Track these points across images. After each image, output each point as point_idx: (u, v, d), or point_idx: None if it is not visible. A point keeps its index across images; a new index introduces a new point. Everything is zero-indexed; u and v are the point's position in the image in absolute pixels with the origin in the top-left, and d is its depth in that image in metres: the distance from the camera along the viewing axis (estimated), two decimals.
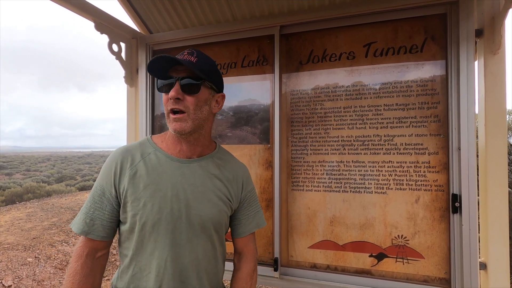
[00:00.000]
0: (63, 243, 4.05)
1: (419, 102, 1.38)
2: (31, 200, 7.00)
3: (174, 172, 0.86)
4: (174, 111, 0.83)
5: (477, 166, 1.30)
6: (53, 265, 3.49)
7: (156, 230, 0.82)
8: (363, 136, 1.46)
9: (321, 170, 1.53)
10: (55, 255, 3.71)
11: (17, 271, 3.17)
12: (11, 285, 2.91)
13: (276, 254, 1.54)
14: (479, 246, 1.30)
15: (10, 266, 3.21)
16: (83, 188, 13.96)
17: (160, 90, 0.87)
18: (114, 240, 0.91)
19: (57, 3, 1.41)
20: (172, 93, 0.82)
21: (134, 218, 0.82)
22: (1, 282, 2.90)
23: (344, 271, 1.48)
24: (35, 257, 3.53)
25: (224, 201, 0.92)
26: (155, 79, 0.90)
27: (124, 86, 1.92)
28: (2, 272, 3.07)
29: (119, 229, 0.88)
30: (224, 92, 0.99)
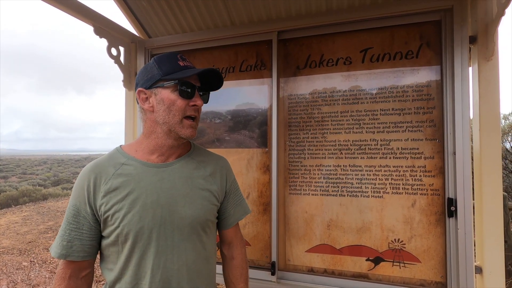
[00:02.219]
0: None
1: (414, 107, 1.40)
2: (27, 204, 6.94)
3: (151, 178, 0.84)
4: (192, 118, 0.86)
5: (472, 170, 1.31)
6: (49, 269, 3.45)
7: (141, 240, 0.80)
8: (360, 141, 1.47)
9: (318, 174, 1.54)
10: (51, 259, 3.67)
11: (12, 275, 3.13)
12: None
13: (274, 258, 1.54)
14: (475, 250, 1.31)
15: (5, 271, 3.17)
16: None
17: (182, 94, 0.83)
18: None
19: (57, 7, 1.42)
20: (199, 101, 0.85)
21: (116, 231, 0.80)
22: None
23: (341, 275, 1.49)
24: (31, 261, 3.49)
25: (209, 198, 0.91)
26: (175, 82, 0.83)
27: (122, 90, 1.92)
28: None
29: (100, 245, 0.85)
30: (222, 96, 1.02)
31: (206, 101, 0.91)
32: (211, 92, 0.95)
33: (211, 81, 0.91)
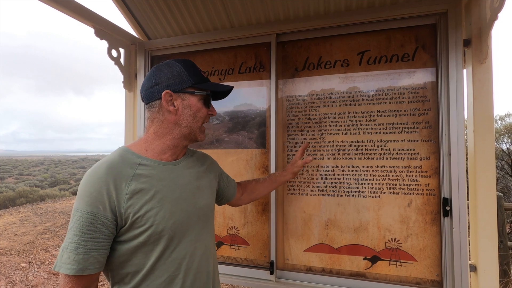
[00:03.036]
0: (57, 248, 4.01)
1: (411, 109, 1.43)
2: (25, 205, 6.92)
3: (169, 176, 0.87)
4: (204, 123, 0.96)
5: (467, 170, 1.34)
6: (47, 270, 3.45)
7: (174, 235, 0.84)
8: (357, 142, 1.50)
9: (316, 175, 1.56)
10: (49, 260, 3.67)
11: (10, 276, 3.13)
12: None
13: (272, 257, 1.56)
14: (469, 249, 1.33)
15: (3, 271, 3.17)
16: (76, 193, 13.83)
17: (207, 104, 0.94)
18: None
19: (59, 10, 1.44)
20: (215, 111, 0.98)
21: (148, 231, 0.79)
22: None
23: (339, 274, 1.51)
24: (29, 262, 3.49)
25: (213, 188, 1.05)
26: (202, 92, 0.92)
27: (120, 91, 1.94)
28: None
29: (119, 250, 0.80)
30: (221, 97, 1.06)
31: None
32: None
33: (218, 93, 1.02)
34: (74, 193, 13.53)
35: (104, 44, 1.72)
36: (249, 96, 1.70)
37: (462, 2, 1.34)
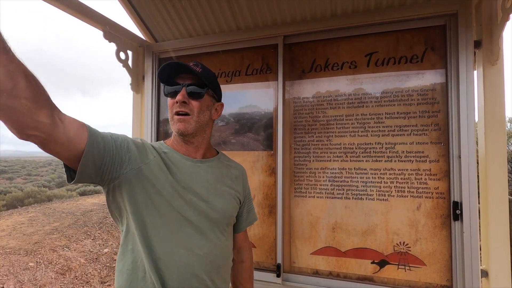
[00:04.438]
0: (65, 248, 4.05)
1: (419, 111, 1.41)
2: (33, 205, 7.02)
3: (189, 170, 0.91)
4: (179, 113, 0.89)
5: (478, 174, 1.32)
6: (54, 270, 3.49)
7: (177, 222, 0.84)
8: (365, 144, 1.48)
9: (323, 177, 1.55)
10: (57, 260, 3.71)
11: (19, 275, 3.17)
12: None
13: (279, 260, 1.55)
14: (480, 253, 1.31)
15: (12, 271, 3.21)
16: (83, 193, 13.96)
17: (167, 95, 0.93)
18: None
19: (68, 12, 1.46)
20: (179, 96, 0.88)
21: (153, 210, 0.81)
22: (3, 287, 2.91)
23: (346, 277, 1.49)
24: (37, 262, 3.53)
25: (235, 198, 0.99)
26: (162, 85, 0.95)
27: (127, 93, 1.96)
28: (4, 276, 3.07)
29: (130, 228, 0.83)
30: (229, 99, 1.04)
31: (195, 96, 0.90)
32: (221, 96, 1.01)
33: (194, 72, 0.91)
34: (81, 194, 13.68)
35: (112, 46, 1.74)
36: (256, 98, 1.70)
37: (472, 3, 1.32)
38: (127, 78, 1.88)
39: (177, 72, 0.92)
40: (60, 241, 4.25)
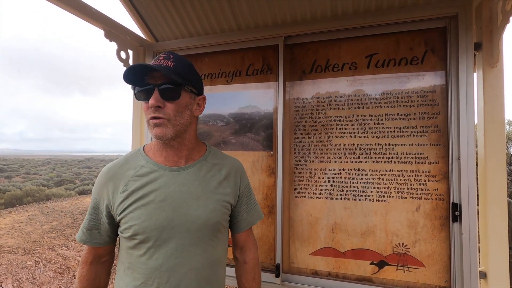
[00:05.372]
0: (63, 247, 4.04)
1: (419, 112, 1.42)
2: (31, 204, 7.00)
3: (167, 182, 0.85)
4: (155, 118, 0.81)
5: (477, 175, 1.32)
6: (53, 269, 3.48)
7: (153, 241, 0.81)
8: (365, 145, 1.49)
9: (323, 178, 1.55)
10: (55, 259, 3.70)
11: (17, 274, 3.16)
12: None
13: (278, 260, 1.56)
14: (479, 255, 1.31)
15: (10, 269, 3.20)
16: (82, 192, 13.93)
17: (138, 98, 0.84)
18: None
19: (69, 11, 1.46)
20: (151, 101, 0.79)
21: (130, 231, 0.82)
22: (1, 285, 2.90)
23: (345, 278, 1.49)
24: (35, 260, 3.52)
25: (221, 202, 0.90)
26: (133, 88, 0.86)
27: (125, 91, 1.95)
28: (3, 275, 3.06)
29: (119, 239, 0.91)
30: (229, 99, 1.01)
31: (170, 98, 0.82)
32: (219, 96, 0.95)
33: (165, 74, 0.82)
34: (80, 193, 13.66)
35: (113, 46, 1.74)
36: (256, 98, 1.70)
37: (472, 5, 1.32)
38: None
39: (147, 71, 0.81)
40: (59, 240, 4.24)
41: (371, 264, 1.46)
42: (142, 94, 0.83)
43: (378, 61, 1.49)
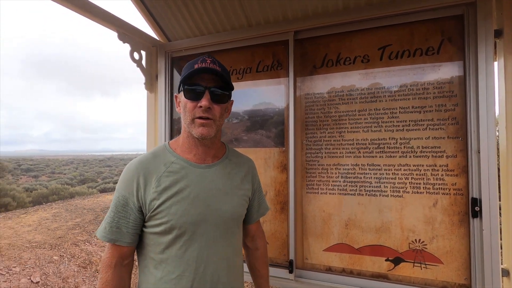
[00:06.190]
0: (86, 243, 4.22)
1: (436, 105, 1.37)
2: (56, 201, 7.34)
3: (197, 178, 0.90)
4: (202, 118, 0.86)
5: (499, 169, 1.27)
6: (77, 263, 3.65)
7: (190, 235, 0.86)
8: (379, 139, 1.45)
9: (336, 173, 1.53)
10: (79, 254, 3.87)
11: (44, 268, 3.34)
12: (39, 281, 3.07)
13: (291, 256, 1.56)
14: (501, 252, 1.26)
15: (38, 264, 3.39)
16: (103, 190, 14.44)
17: (187, 96, 0.87)
18: None
19: (84, 15, 1.51)
20: (204, 102, 0.84)
21: (165, 226, 0.85)
22: (30, 279, 3.07)
23: (360, 274, 1.48)
24: (60, 255, 3.70)
25: (244, 197, 0.99)
26: (180, 85, 0.90)
27: (143, 92, 2.00)
28: (31, 269, 3.25)
29: (145, 235, 0.90)
30: (240, 96, 1.03)
31: (218, 101, 0.88)
32: (232, 92, 0.96)
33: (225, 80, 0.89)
34: (102, 191, 14.17)
35: (126, 47, 1.79)
36: (267, 94, 1.70)
37: None
38: (142, 78, 1.92)
39: (199, 72, 0.86)
40: (82, 236, 4.43)
41: (386, 260, 1.43)
42: (193, 93, 0.86)
43: (392, 53, 1.45)
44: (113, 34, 1.71)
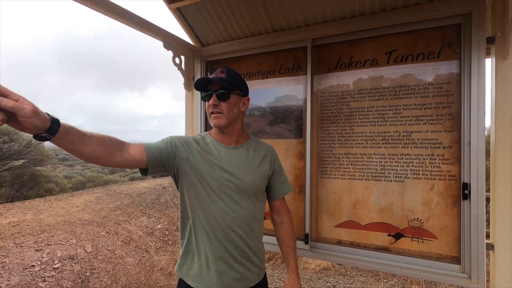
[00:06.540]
0: (126, 223, 4.77)
1: (435, 102, 1.57)
2: (97, 187, 8.10)
3: (226, 155, 1.22)
4: (213, 113, 1.19)
5: (489, 158, 1.46)
6: (120, 239, 4.18)
7: (217, 191, 1.16)
8: (384, 132, 1.69)
9: (346, 161, 1.79)
10: (121, 231, 4.41)
11: (94, 241, 3.89)
12: (92, 251, 3.61)
13: (307, 231, 1.84)
14: (488, 228, 1.47)
15: (89, 237, 3.95)
16: (133, 179, 15.39)
17: (203, 99, 1.25)
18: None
19: (135, 28, 1.83)
20: (210, 102, 1.18)
21: (200, 177, 1.15)
22: (84, 249, 3.61)
23: (365, 247, 1.74)
24: (106, 232, 4.25)
25: (263, 174, 1.27)
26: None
27: (170, 87, 2.33)
28: (85, 241, 3.80)
29: (186, 199, 1.20)
30: (264, 94, 1.33)
31: (223, 99, 1.18)
32: (256, 92, 1.31)
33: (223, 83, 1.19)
34: (131, 179, 15.12)
35: (159, 44, 2.08)
36: (287, 93, 1.97)
37: (485, 3, 1.43)
38: (171, 75, 2.24)
39: (208, 82, 1.21)
40: (122, 216, 4.98)
41: (388, 235, 1.68)
42: (206, 96, 1.22)
43: (397, 57, 1.66)
44: (140, 34, 1.99)
